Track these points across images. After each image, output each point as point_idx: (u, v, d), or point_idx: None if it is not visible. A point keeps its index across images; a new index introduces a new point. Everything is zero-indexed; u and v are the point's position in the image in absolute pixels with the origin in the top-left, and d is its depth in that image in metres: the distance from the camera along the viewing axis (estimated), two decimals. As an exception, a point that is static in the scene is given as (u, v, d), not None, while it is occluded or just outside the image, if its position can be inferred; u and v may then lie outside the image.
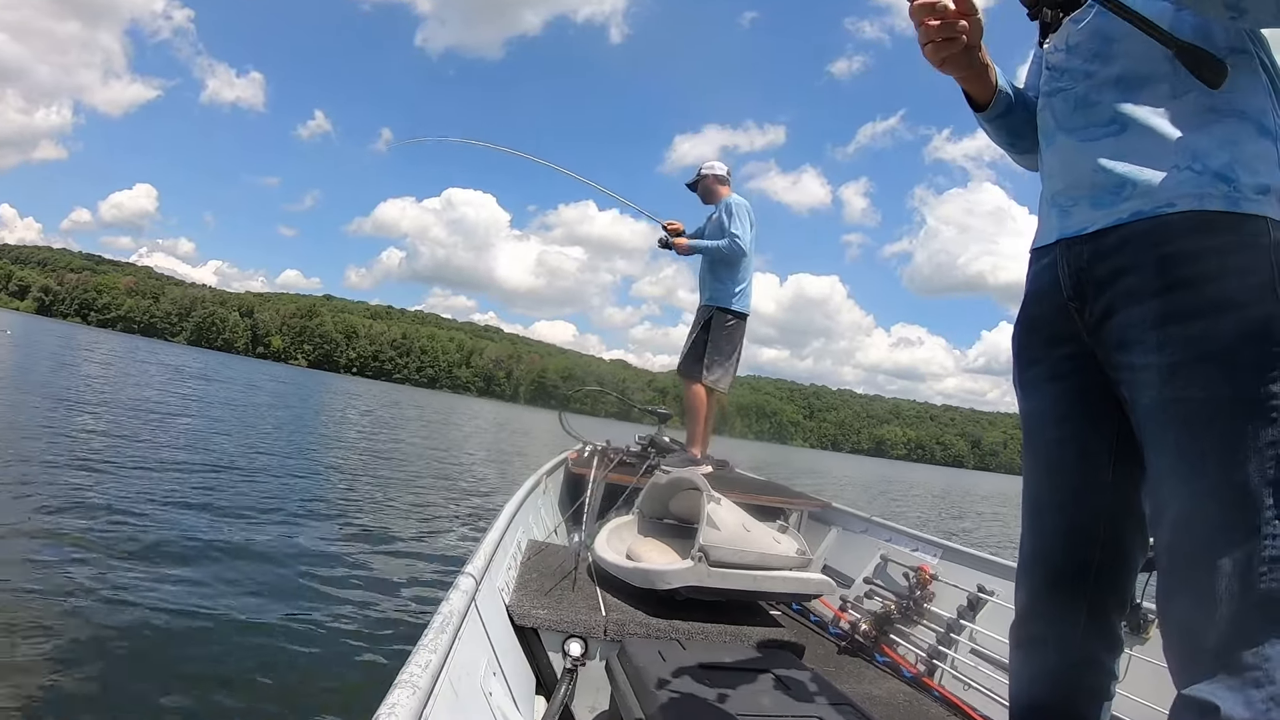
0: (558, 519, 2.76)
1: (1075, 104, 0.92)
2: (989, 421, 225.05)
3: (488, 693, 1.08)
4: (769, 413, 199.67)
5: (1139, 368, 0.83)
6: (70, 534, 3.17)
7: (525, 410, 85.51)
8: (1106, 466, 0.94)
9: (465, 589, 1.16)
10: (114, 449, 5.52)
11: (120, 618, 2.43)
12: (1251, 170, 0.79)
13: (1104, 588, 0.96)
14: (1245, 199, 0.78)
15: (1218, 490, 0.76)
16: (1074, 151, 0.91)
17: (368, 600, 3.15)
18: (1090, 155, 0.88)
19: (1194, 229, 0.79)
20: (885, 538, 2.72)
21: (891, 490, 22.85)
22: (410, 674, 0.79)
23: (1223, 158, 0.79)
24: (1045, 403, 0.99)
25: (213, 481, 5.02)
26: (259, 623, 2.63)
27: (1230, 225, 0.78)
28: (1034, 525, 1.02)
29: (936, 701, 1.89)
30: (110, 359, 21.98)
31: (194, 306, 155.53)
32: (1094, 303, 0.89)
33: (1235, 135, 0.80)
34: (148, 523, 3.60)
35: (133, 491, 4.23)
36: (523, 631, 1.52)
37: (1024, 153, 1.13)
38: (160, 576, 2.90)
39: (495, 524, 1.70)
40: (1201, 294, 0.78)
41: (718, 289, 3.60)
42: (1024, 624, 1.03)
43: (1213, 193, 0.79)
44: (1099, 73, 0.89)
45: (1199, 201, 0.79)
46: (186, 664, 2.21)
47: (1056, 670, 0.99)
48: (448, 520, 5.49)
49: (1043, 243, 0.98)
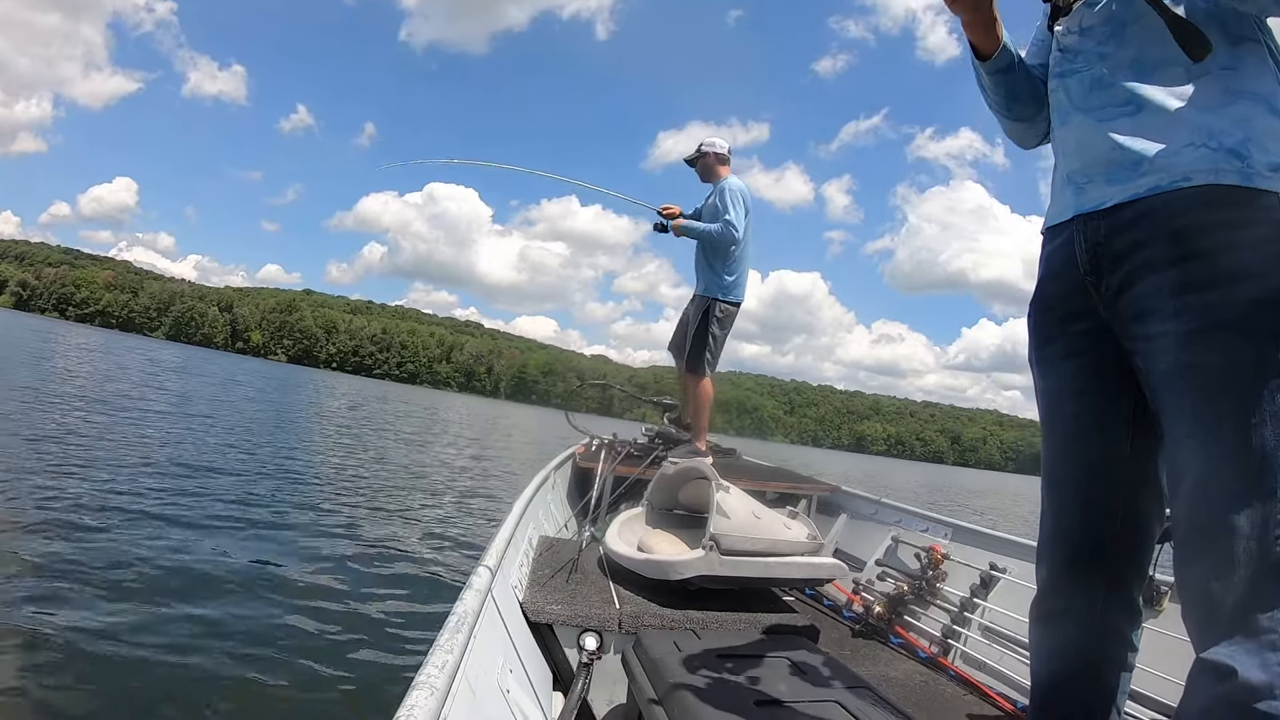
0: (567, 514, 2.77)
1: (1091, 84, 0.94)
2: (968, 418, 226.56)
3: (505, 690, 1.09)
4: (749, 408, 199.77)
5: (1155, 336, 0.84)
6: (84, 537, 3.19)
7: (508, 405, 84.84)
8: (1124, 441, 0.95)
9: (479, 587, 1.16)
10: (120, 450, 5.55)
11: (133, 622, 2.44)
12: (1264, 148, 0.81)
13: (1123, 560, 0.97)
14: (1259, 175, 0.80)
15: (1234, 454, 0.77)
16: (1090, 130, 0.93)
17: (382, 601, 3.17)
18: (1106, 133, 0.91)
19: (1209, 203, 0.82)
20: (895, 520, 2.73)
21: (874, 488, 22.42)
22: (428, 675, 0.79)
23: (1237, 135, 0.82)
24: (1062, 379, 1.00)
25: (212, 485, 5.03)
26: (275, 626, 2.65)
27: (1244, 200, 0.80)
28: (1053, 501, 1.03)
29: (952, 681, 1.89)
30: (86, 353, 21.83)
31: (173, 301, 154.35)
32: (1111, 276, 0.90)
33: (1248, 115, 0.82)
34: (167, 527, 3.63)
35: (146, 495, 4.26)
36: (537, 628, 1.53)
37: (1017, 119, 1.14)
38: (176, 579, 2.91)
39: (506, 521, 1.71)
40: (1217, 264, 0.80)
41: (712, 279, 3.51)
42: (1045, 599, 1.04)
43: (1227, 168, 0.81)
44: (1114, 55, 0.92)
45: (1214, 176, 0.81)
46: (202, 669, 2.23)
47: (1078, 643, 1.00)
48: (457, 518, 5.52)
49: (1058, 220, 1.00)
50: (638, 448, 3.19)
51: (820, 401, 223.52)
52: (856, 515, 3.00)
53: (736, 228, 3.39)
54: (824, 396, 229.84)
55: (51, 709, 1.89)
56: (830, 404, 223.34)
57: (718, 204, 3.47)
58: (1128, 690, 1.00)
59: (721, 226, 3.40)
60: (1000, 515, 15.32)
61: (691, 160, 3.75)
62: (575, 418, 3.48)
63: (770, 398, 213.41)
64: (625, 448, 3.12)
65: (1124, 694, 1.00)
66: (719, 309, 3.48)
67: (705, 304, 3.51)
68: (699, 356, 3.50)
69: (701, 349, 3.49)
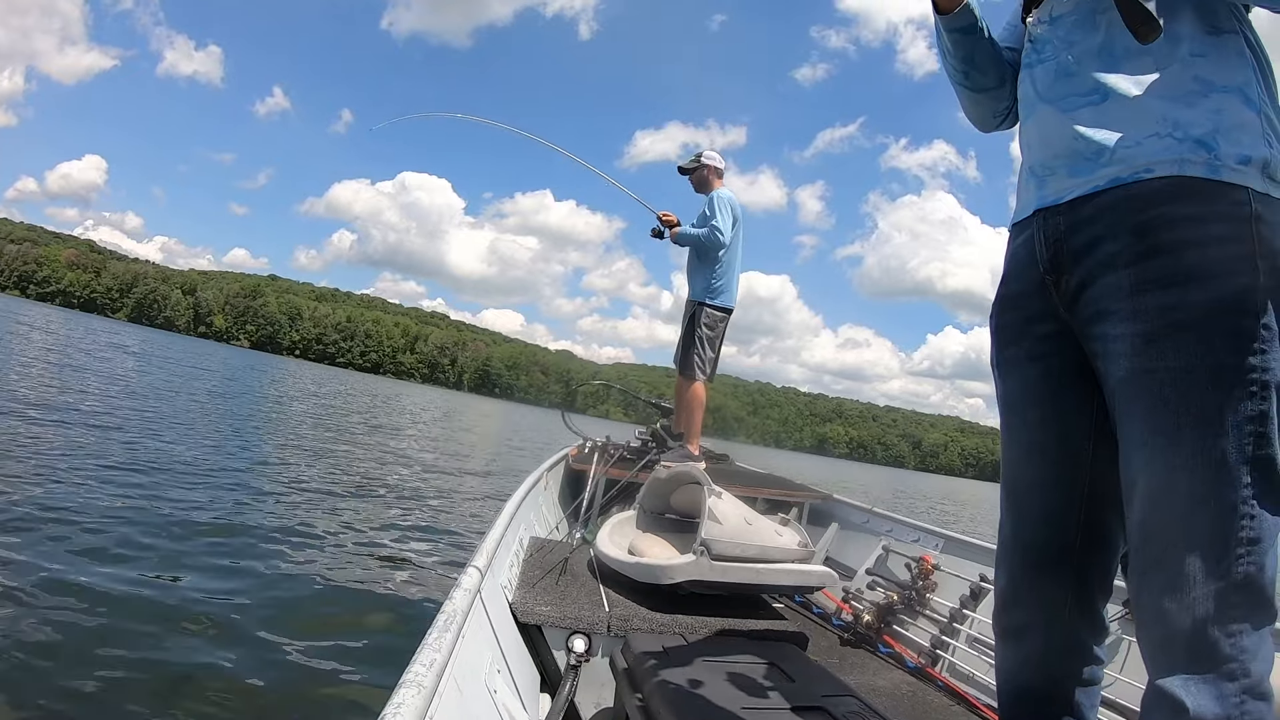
0: (559, 515, 2.76)
1: (1056, 73, 0.90)
2: (930, 424, 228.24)
3: (492, 690, 1.08)
4: (712, 408, 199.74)
5: (1113, 338, 0.81)
6: (66, 532, 3.16)
7: (471, 398, 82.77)
8: (1086, 448, 0.91)
9: (468, 587, 1.16)
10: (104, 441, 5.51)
11: (112, 619, 2.41)
12: (1233, 140, 0.77)
13: (1087, 571, 0.93)
14: (1226, 167, 0.76)
15: (1192, 463, 0.73)
16: (1053, 120, 0.89)
17: (371, 599, 3.15)
18: (1069, 124, 0.86)
19: (1173, 195, 0.77)
20: (887, 529, 2.73)
21: (834, 490, 22.59)
22: (415, 673, 0.79)
23: (1205, 126, 0.77)
24: (1024, 383, 0.97)
25: (187, 480, 4.97)
26: (260, 624, 2.62)
27: (1210, 193, 0.76)
28: (1013, 508, 0.99)
29: (940, 691, 1.90)
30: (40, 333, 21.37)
31: (136, 282, 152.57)
32: (1070, 275, 0.86)
33: (1219, 105, 0.78)
34: (145, 520, 3.59)
35: (122, 485, 4.22)
36: (526, 629, 1.52)
37: (975, 88, 1.10)
38: (155, 576, 2.89)
39: (497, 521, 1.70)
40: (1179, 261, 0.76)
41: (700, 284, 3.65)
42: (1006, 612, 1.00)
43: (1193, 159, 0.77)
44: (1081, 42, 0.88)
45: (1178, 167, 0.77)
46: (184, 667, 2.20)
47: (1041, 657, 0.96)
48: (448, 517, 5.49)
49: (1020, 216, 0.96)
50: (631, 451, 3.19)
51: (784, 403, 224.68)
52: (848, 524, 3.00)
53: (721, 232, 3.54)
54: (788, 398, 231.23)
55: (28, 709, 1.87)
56: (794, 405, 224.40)
57: (707, 211, 3.64)
58: (1097, 704, 0.97)
59: (708, 231, 3.56)
60: (953, 518, 15.69)
61: (686, 170, 3.83)
62: (571, 419, 3.49)
63: (734, 398, 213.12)
64: (618, 450, 3.12)
65: (1094, 709, 0.96)
66: (706, 314, 3.58)
67: (693, 308, 3.60)
68: (689, 360, 3.57)
69: (690, 352, 3.56)
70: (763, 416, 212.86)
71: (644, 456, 3.05)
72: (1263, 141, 0.77)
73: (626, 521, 2.16)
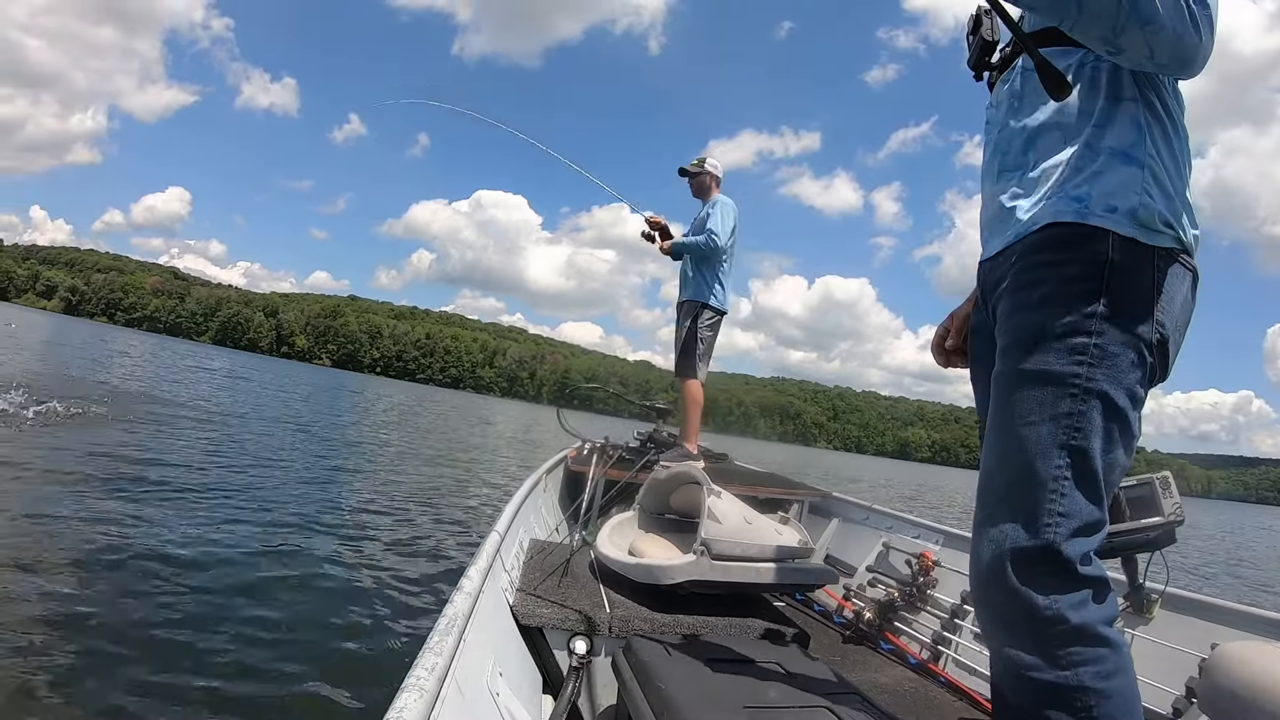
0: (559, 517, 2.76)
1: (993, 152, 1.10)
2: None
3: (495, 693, 1.08)
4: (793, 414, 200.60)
5: (998, 349, 1.01)
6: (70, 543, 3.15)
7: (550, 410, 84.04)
8: None
9: (469, 590, 1.15)
10: (109, 448, 5.49)
11: (122, 622, 2.41)
12: (1106, 191, 0.91)
13: None
14: (1094, 214, 0.91)
15: (1023, 443, 0.91)
16: (989, 192, 1.10)
17: (372, 603, 3.14)
18: (998, 195, 1.06)
19: (1047, 242, 0.95)
20: (887, 526, 2.74)
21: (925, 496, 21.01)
22: (417, 677, 0.79)
23: (1084, 185, 0.93)
24: (985, 394, 1.10)
25: (205, 483, 4.98)
26: (263, 626, 2.62)
27: (1076, 239, 0.92)
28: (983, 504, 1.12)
29: (942, 687, 1.90)
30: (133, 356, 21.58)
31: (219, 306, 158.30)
32: (993, 308, 1.07)
33: (1102, 167, 0.93)
34: (140, 528, 3.59)
35: (133, 494, 4.21)
36: (528, 631, 1.52)
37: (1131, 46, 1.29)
38: (161, 580, 2.88)
39: (497, 524, 1.70)
40: (1034, 292, 0.95)
41: (701, 285, 3.68)
42: None
43: (1065, 209, 0.94)
44: (1010, 124, 1.06)
45: (1054, 216, 0.94)
46: (188, 670, 2.20)
47: None
48: (450, 521, 5.48)
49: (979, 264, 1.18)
50: (630, 451, 3.19)
51: (864, 408, 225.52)
52: (848, 521, 3.00)
53: (718, 235, 3.58)
54: (868, 403, 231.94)
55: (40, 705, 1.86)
56: (874, 410, 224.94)
57: (705, 216, 3.69)
58: None
59: (705, 238, 3.60)
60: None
61: (688, 173, 3.84)
62: (581, 419, 3.49)
63: (813, 404, 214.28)
64: (617, 451, 3.11)
65: None
66: (706, 315, 3.60)
67: (694, 309, 3.63)
68: (688, 360, 3.59)
69: (691, 352, 3.58)
70: (843, 422, 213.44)
71: (643, 457, 3.05)
72: (1136, 191, 0.90)
73: (626, 522, 2.16)
